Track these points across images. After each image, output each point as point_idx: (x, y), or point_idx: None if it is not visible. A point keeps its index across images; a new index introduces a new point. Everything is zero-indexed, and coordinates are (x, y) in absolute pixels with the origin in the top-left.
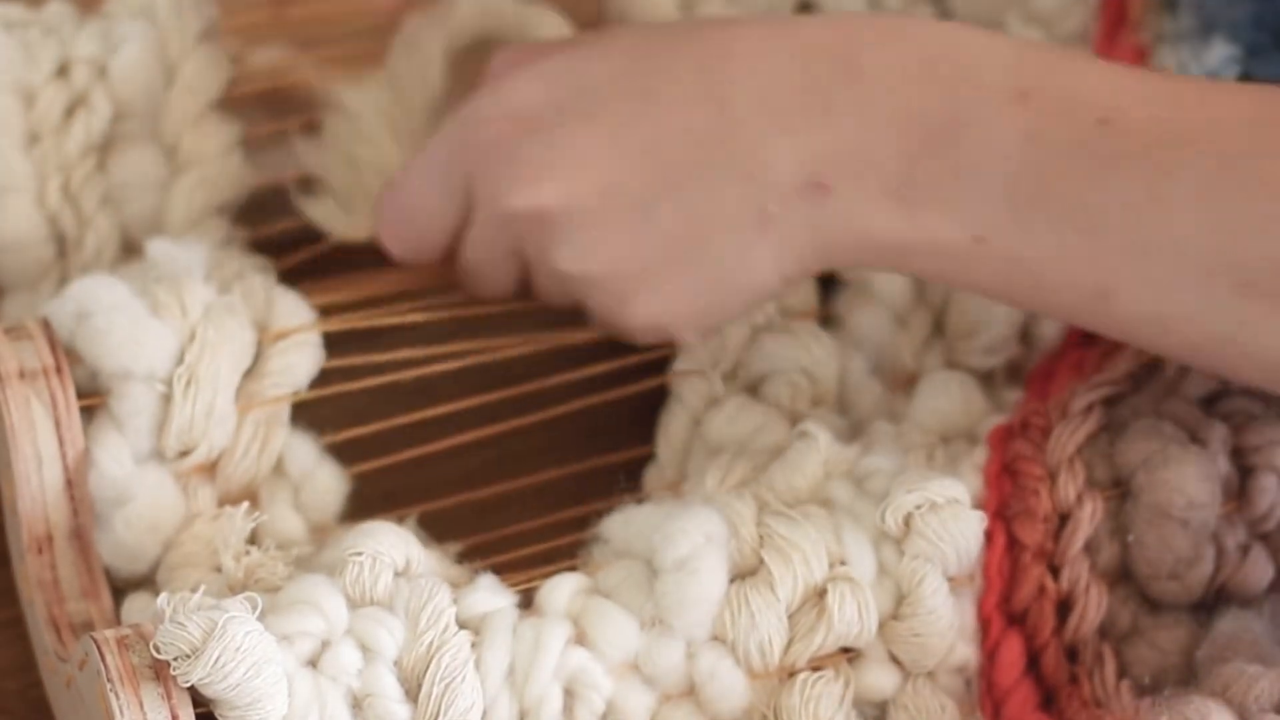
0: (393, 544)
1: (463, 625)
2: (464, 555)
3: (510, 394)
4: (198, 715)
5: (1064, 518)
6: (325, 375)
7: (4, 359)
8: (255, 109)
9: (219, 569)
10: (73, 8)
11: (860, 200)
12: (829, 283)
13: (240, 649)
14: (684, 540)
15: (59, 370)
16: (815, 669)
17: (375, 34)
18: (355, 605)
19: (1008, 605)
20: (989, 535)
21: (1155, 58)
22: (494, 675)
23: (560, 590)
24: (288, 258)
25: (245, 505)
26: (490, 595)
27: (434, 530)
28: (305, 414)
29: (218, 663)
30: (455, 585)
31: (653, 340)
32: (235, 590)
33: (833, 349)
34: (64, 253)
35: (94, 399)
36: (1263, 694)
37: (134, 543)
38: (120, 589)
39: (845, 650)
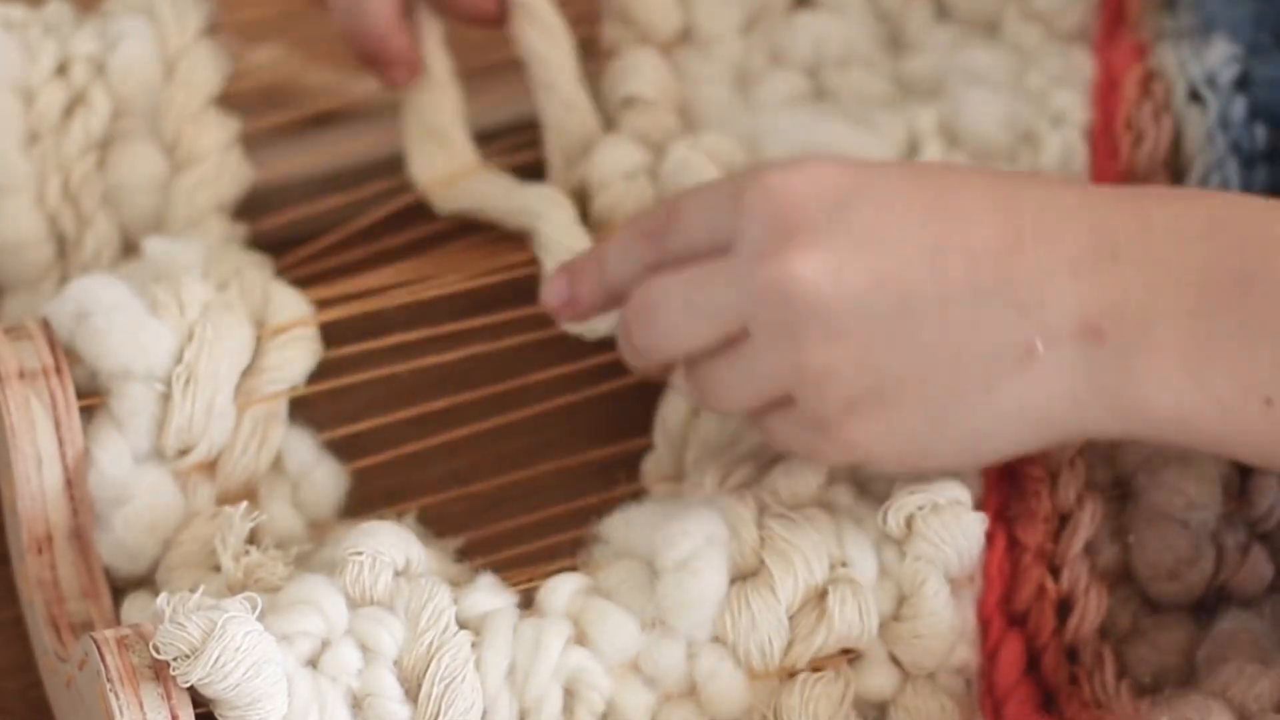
0: (393, 543)
1: (463, 625)
2: (463, 551)
3: (508, 387)
4: (198, 715)
5: (1064, 519)
6: (323, 370)
7: (4, 359)
8: (254, 105)
9: (218, 568)
10: (72, 7)
11: (1139, 354)
12: None
13: (240, 649)
14: (685, 541)
15: (59, 370)
16: (816, 670)
17: None
18: (355, 605)
19: (1008, 606)
20: (989, 536)
21: (1154, 56)
22: (494, 675)
23: (560, 590)
24: (286, 255)
25: (244, 505)
26: (490, 595)
27: (433, 526)
28: (303, 410)
29: (217, 663)
30: (455, 584)
31: (836, 461)
32: (235, 590)
33: None
34: (64, 252)
35: (94, 399)
36: (1263, 694)
37: (133, 542)
38: (120, 589)
39: (846, 651)
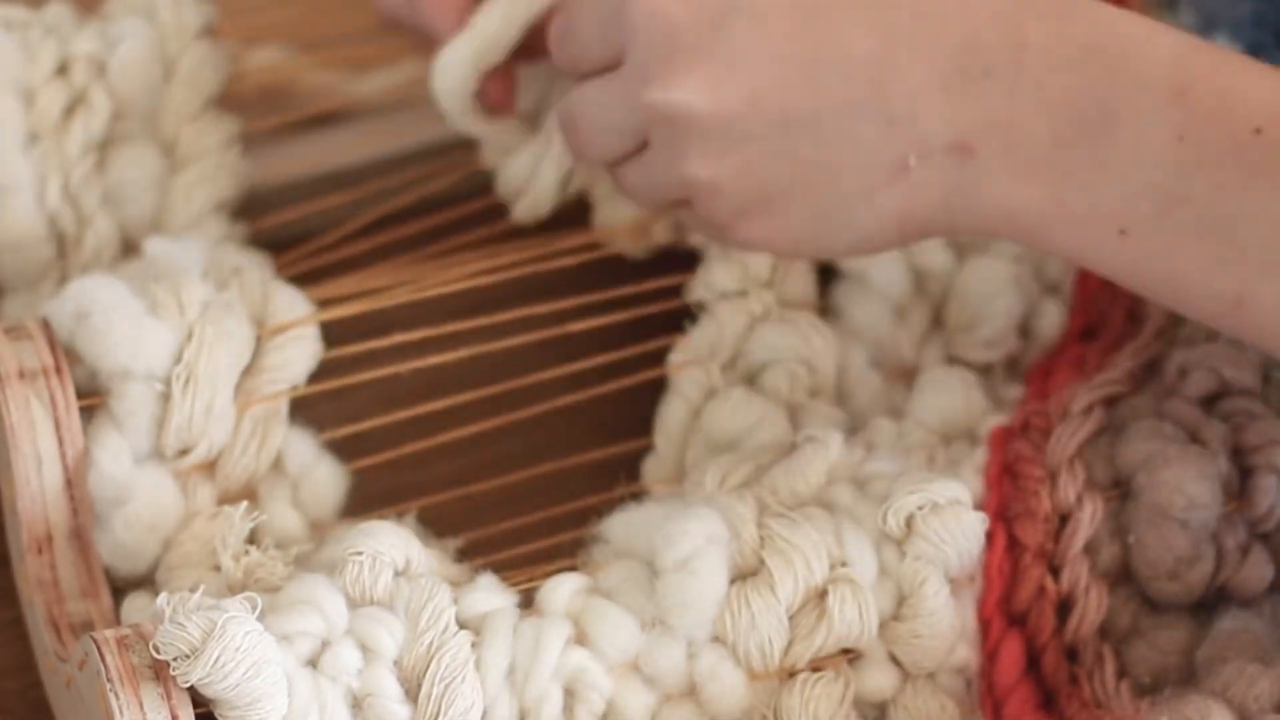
0: (393, 544)
1: (463, 625)
2: (463, 551)
3: (508, 387)
4: (198, 715)
5: (1064, 518)
6: (323, 370)
7: (4, 359)
8: (254, 106)
9: (218, 568)
10: (72, 8)
11: (1005, 171)
12: (828, 274)
13: (240, 649)
14: (685, 541)
15: (59, 370)
16: (815, 670)
17: (374, 31)
18: (355, 605)
19: (1008, 606)
20: (989, 536)
21: None
22: (494, 675)
23: (560, 590)
24: (286, 254)
25: (244, 505)
26: (490, 595)
27: (433, 526)
28: (303, 410)
29: (217, 663)
30: (455, 584)
31: (751, 251)
32: (235, 590)
33: (832, 339)
34: (64, 252)
35: (93, 399)
36: (1263, 694)
37: (133, 542)
38: (120, 589)
39: (846, 651)
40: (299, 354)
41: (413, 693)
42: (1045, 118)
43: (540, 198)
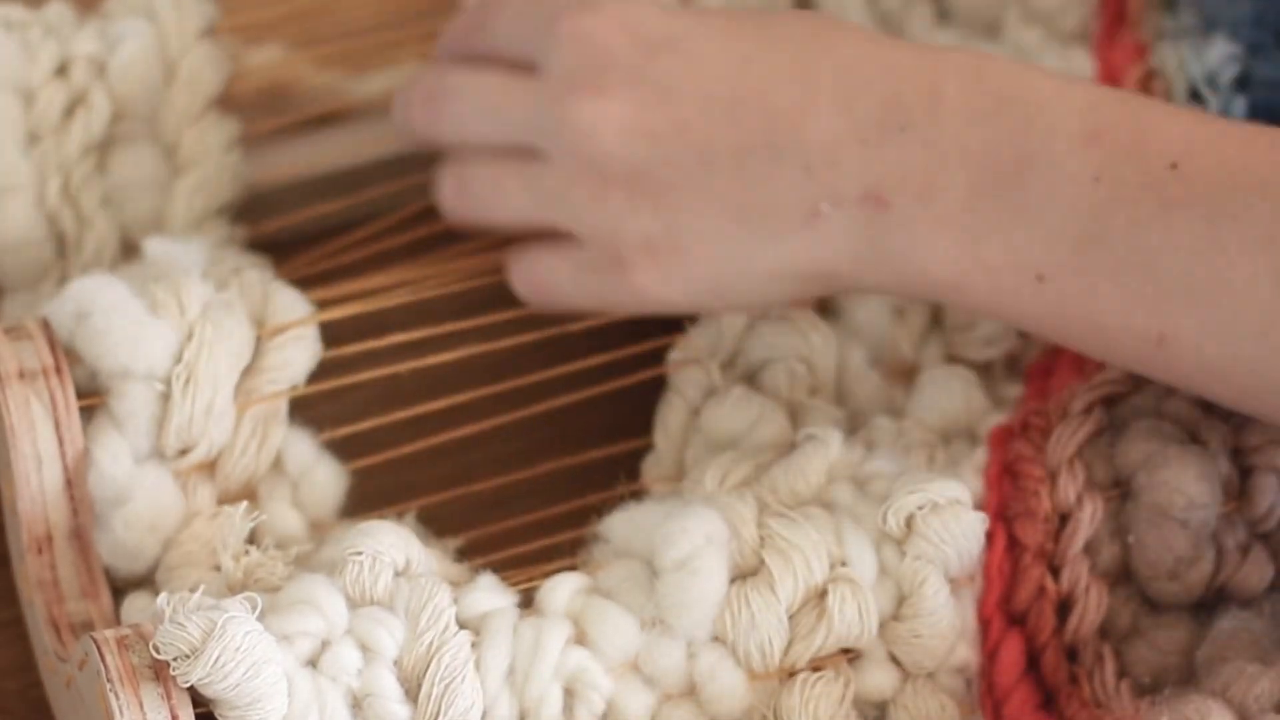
0: (393, 543)
1: (463, 625)
2: (463, 551)
3: (508, 387)
4: (198, 715)
5: (1064, 518)
6: (323, 370)
7: (4, 359)
8: (254, 107)
9: (218, 568)
10: (72, 8)
11: (920, 224)
12: None
13: (240, 649)
14: (684, 540)
15: (58, 370)
16: (815, 669)
17: (374, 30)
18: (355, 605)
19: (1008, 606)
20: (989, 536)
21: (1155, 56)
22: (494, 675)
23: (560, 590)
24: (286, 256)
25: (244, 505)
26: (490, 595)
27: (433, 525)
28: (303, 410)
29: (217, 663)
30: (455, 584)
31: (631, 311)
32: (235, 590)
33: (831, 338)
34: (64, 253)
35: (93, 399)
36: (1263, 694)
37: (133, 542)
38: (120, 589)
39: (845, 651)
40: (299, 354)
41: (413, 693)
42: (961, 170)
43: None
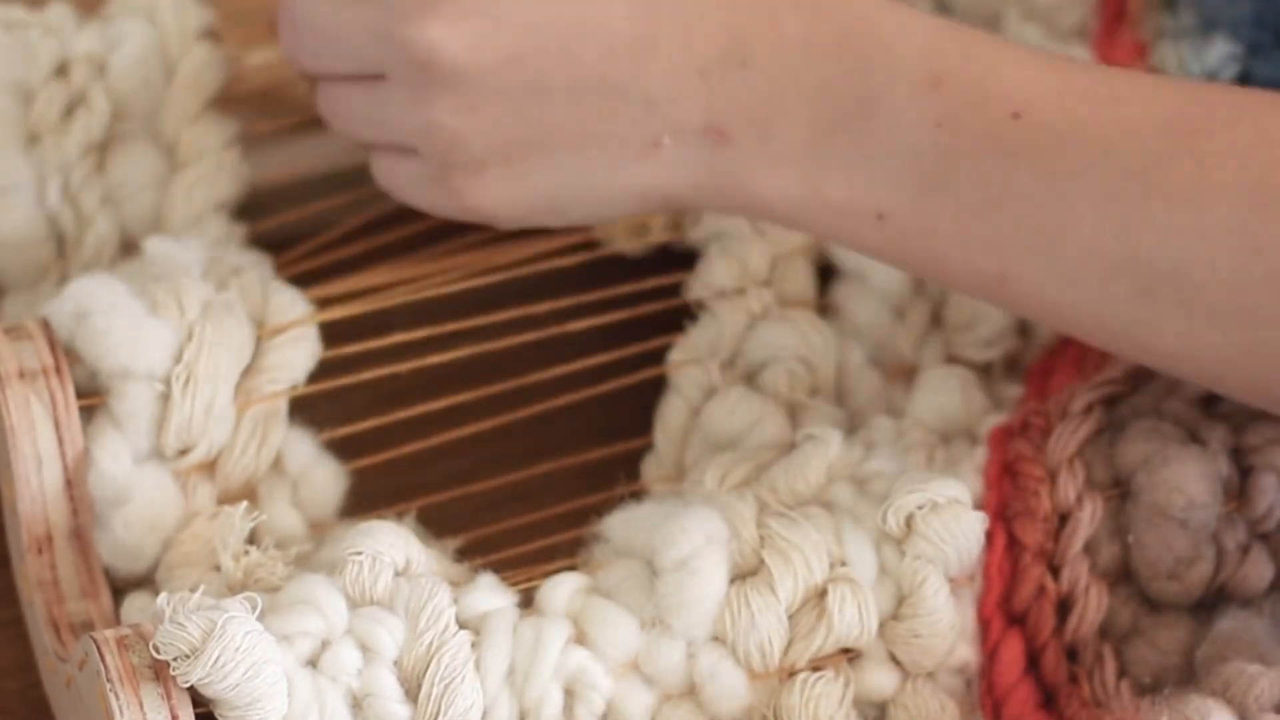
0: (393, 543)
1: (463, 625)
2: (463, 551)
3: (508, 387)
4: (198, 715)
5: (1064, 518)
6: (323, 370)
7: (4, 359)
8: (254, 107)
9: (218, 568)
10: (72, 8)
11: (760, 159)
12: (827, 272)
13: (240, 649)
14: (684, 540)
15: (58, 370)
16: (815, 669)
17: None
18: (355, 605)
19: (1008, 605)
20: (989, 536)
21: (1155, 55)
22: (494, 675)
23: (560, 590)
24: (285, 255)
25: (244, 505)
26: (490, 595)
27: (433, 525)
28: (303, 410)
29: (217, 663)
30: (455, 584)
31: (467, 219)
32: (235, 590)
33: (831, 338)
34: (64, 252)
35: (93, 399)
36: (1263, 694)
37: (133, 542)
38: (120, 589)
39: (845, 651)
40: (298, 354)
41: (413, 693)
42: (802, 108)
43: None
